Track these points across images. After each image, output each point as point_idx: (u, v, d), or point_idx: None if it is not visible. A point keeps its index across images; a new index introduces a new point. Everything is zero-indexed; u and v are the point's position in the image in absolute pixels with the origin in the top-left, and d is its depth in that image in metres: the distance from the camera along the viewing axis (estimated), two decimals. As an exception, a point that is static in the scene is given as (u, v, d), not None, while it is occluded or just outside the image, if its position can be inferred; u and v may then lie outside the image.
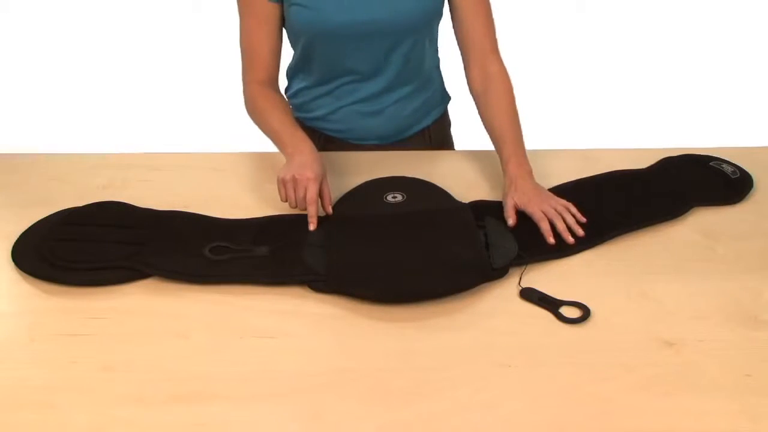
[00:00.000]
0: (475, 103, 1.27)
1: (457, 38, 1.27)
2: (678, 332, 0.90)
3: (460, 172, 1.28)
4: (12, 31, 3.73)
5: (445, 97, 1.45)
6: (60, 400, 0.80)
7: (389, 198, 1.15)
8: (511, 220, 1.09)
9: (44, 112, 3.23)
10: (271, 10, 1.21)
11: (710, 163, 1.28)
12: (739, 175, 1.25)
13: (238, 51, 1.26)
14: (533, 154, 1.17)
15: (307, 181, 1.07)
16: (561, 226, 1.06)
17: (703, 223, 1.13)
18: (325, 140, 1.38)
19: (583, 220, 1.08)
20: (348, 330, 0.91)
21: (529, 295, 0.96)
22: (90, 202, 1.15)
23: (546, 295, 0.96)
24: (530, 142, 1.21)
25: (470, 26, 1.23)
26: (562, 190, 1.18)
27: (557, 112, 2.94)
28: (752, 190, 1.22)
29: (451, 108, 1.48)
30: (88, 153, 1.34)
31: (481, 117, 1.25)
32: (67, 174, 1.26)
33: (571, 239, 1.05)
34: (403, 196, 1.15)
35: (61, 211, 1.13)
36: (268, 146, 1.27)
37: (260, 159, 1.32)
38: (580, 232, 1.06)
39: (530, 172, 1.15)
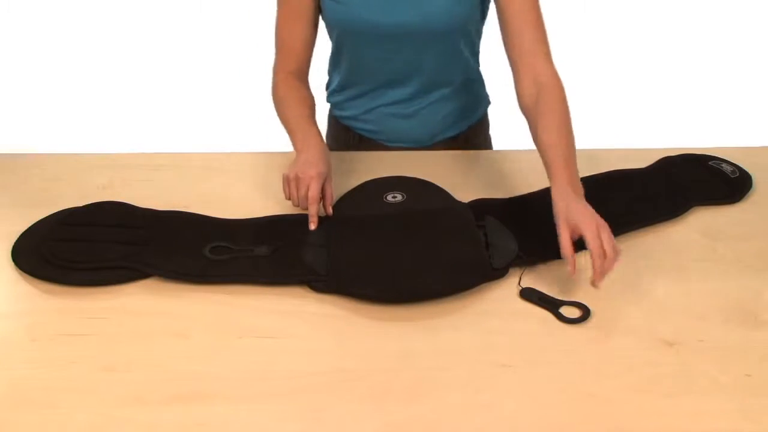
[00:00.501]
0: (526, 118, 1.13)
1: (505, 47, 1.15)
2: (678, 332, 0.90)
3: (461, 171, 1.28)
4: (12, 31, 3.73)
5: (484, 102, 1.42)
6: (60, 400, 0.80)
7: (389, 198, 1.15)
8: (570, 267, 0.94)
9: (44, 112, 3.23)
10: (307, 2, 1.20)
11: (709, 163, 1.29)
12: (738, 174, 1.25)
13: (238, 51, 1.27)
14: (534, 154, 1.17)
15: (310, 179, 1.07)
16: (598, 270, 0.93)
17: (703, 222, 1.13)
18: (359, 140, 1.38)
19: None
20: (348, 330, 0.91)
21: (529, 295, 0.96)
22: (90, 202, 1.15)
23: (546, 295, 0.96)
24: (531, 142, 1.20)
25: (518, 33, 1.12)
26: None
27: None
28: (752, 189, 1.22)
29: (490, 109, 1.45)
30: (88, 153, 1.33)
31: (531, 133, 1.10)
32: (67, 174, 1.26)
33: (597, 285, 0.94)
34: (403, 196, 1.15)
35: (61, 211, 1.13)
36: (268, 146, 1.27)
37: (261, 159, 1.32)
38: (598, 284, 0.94)
39: (582, 195, 1.00)
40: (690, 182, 1.23)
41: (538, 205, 1.08)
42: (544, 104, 1.08)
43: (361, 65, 1.27)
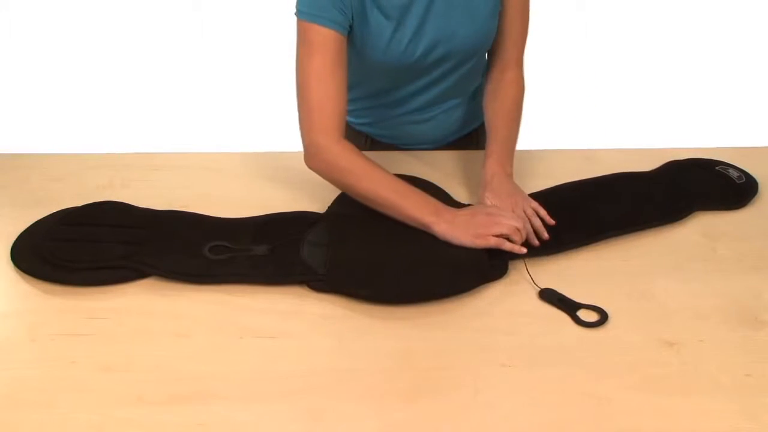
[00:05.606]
0: (484, 100, 1.26)
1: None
2: (678, 332, 0.90)
3: (461, 171, 1.28)
4: (12, 30, 3.74)
5: None
6: (60, 400, 0.80)
7: (389, 198, 1.14)
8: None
9: (44, 112, 3.23)
10: (343, 47, 1.09)
11: (716, 168, 1.27)
12: (744, 180, 1.23)
13: (238, 51, 1.25)
14: (534, 154, 1.17)
15: (502, 211, 1.04)
16: (528, 228, 1.04)
17: (703, 223, 1.13)
18: (371, 142, 1.39)
19: (552, 222, 1.06)
20: (348, 330, 0.91)
21: (549, 296, 0.95)
22: (90, 202, 1.15)
23: (566, 297, 0.95)
24: (531, 142, 1.20)
25: (504, 33, 1.21)
26: (563, 190, 1.18)
27: (558, 112, 2.94)
28: (757, 194, 1.21)
29: None
30: (88, 153, 1.33)
31: (485, 113, 1.24)
32: (67, 174, 1.26)
33: (536, 242, 1.03)
34: (403, 196, 1.15)
35: (60, 211, 1.13)
36: (267, 146, 1.27)
37: (260, 159, 1.32)
38: (545, 235, 1.04)
39: (510, 174, 1.13)
40: (696, 187, 1.21)
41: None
42: (502, 93, 1.22)
43: (383, 87, 1.27)
